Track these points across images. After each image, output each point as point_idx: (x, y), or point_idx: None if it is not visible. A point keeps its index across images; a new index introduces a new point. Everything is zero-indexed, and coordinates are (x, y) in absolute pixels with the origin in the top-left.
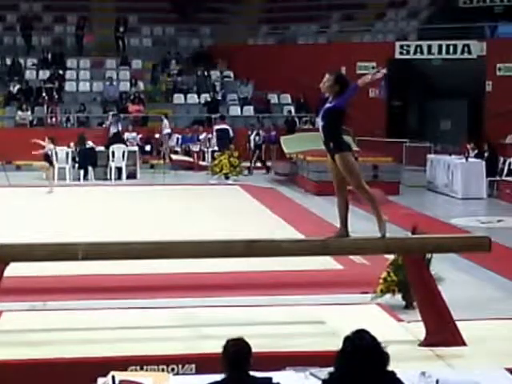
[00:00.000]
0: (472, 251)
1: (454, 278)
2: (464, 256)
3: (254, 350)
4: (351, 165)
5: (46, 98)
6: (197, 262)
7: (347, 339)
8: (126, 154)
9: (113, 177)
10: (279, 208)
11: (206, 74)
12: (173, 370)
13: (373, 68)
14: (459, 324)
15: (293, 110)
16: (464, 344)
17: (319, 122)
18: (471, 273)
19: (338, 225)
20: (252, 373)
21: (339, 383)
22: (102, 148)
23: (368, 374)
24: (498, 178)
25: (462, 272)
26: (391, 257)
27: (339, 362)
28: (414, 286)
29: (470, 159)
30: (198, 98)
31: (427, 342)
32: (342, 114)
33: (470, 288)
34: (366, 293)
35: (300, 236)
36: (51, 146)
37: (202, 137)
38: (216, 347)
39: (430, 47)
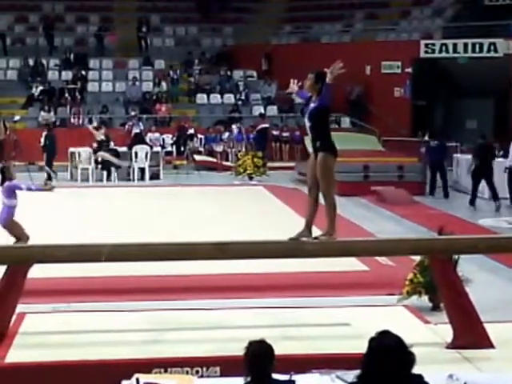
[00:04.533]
0: (500, 252)
1: (481, 279)
2: (492, 257)
3: (279, 352)
4: (328, 168)
5: (69, 98)
6: (220, 263)
7: (372, 340)
8: (148, 155)
9: (136, 177)
10: (303, 208)
11: (228, 73)
12: (197, 372)
13: (397, 67)
14: (487, 326)
15: None
16: (492, 346)
17: (306, 123)
18: (499, 274)
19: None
20: (276, 375)
21: None
22: (124, 149)
23: (395, 374)
24: None
25: (490, 273)
26: (417, 258)
27: (365, 364)
28: (440, 287)
29: (497, 159)
30: (221, 98)
31: (454, 345)
32: (327, 112)
33: (498, 289)
34: (392, 294)
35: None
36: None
37: (225, 137)
38: (241, 350)
39: (455, 46)
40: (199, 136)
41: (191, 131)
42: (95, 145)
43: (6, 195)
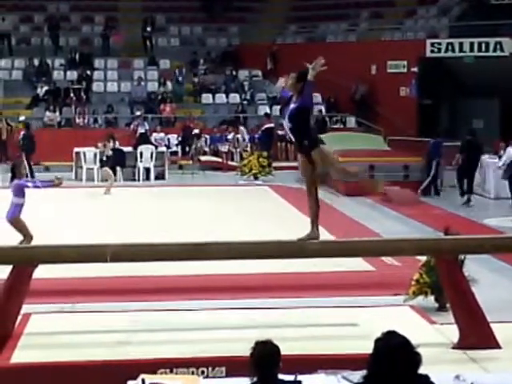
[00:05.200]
0: (506, 252)
1: (487, 279)
2: (497, 257)
3: (285, 352)
4: (328, 155)
5: (74, 98)
6: (226, 263)
7: (378, 340)
8: (154, 155)
9: (141, 177)
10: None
11: (234, 73)
12: (203, 372)
13: (403, 67)
14: (493, 326)
15: (323, 110)
16: (498, 347)
17: (286, 124)
18: (505, 274)
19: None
20: (282, 376)
21: None
22: (130, 149)
23: (401, 375)
24: None
25: (496, 273)
26: (423, 258)
27: (371, 365)
28: (446, 287)
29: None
30: (227, 97)
31: (461, 345)
32: (309, 112)
33: (504, 289)
34: (398, 294)
35: (330, 237)
36: (109, 149)
37: (230, 137)
38: (246, 350)
39: (461, 45)
40: (204, 136)
41: (196, 131)
42: (103, 156)
43: (14, 193)
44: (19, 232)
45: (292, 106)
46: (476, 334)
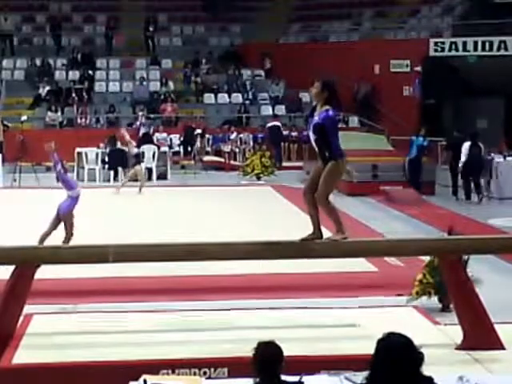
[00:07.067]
0: (510, 252)
1: (491, 279)
2: (501, 257)
3: (287, 353)
4: (334, 177)
5: (76, 98)
6: (228, 263)
7: (380, 341)
8: (156, 155)
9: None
10: None
11: (236, 73)
12: (205, 373)
13: (406, 66)
14: (497, 327)
15: None
16: (502, 347)
17: (310, 135)
18: (510, 275)
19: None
20: (284, 377)
21: None
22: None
23: (404, 376)
24: None
25: (500, 274)
26: (427, 258)
27: (374, 365)
28: (450, 288)
29: (507, 158)
30: (229, 97)
31: (464, 346)
32: (327, 129)
33: (509, 290)
34: (402, 295)
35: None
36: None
37: (232, 137)
38: (249, 351)
39: (465, 44)
40: (207, 136)
41: (199, 131)
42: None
43: (65, 187)
44: (64, 228)
45: (315, 119)
46: (480, 335)
